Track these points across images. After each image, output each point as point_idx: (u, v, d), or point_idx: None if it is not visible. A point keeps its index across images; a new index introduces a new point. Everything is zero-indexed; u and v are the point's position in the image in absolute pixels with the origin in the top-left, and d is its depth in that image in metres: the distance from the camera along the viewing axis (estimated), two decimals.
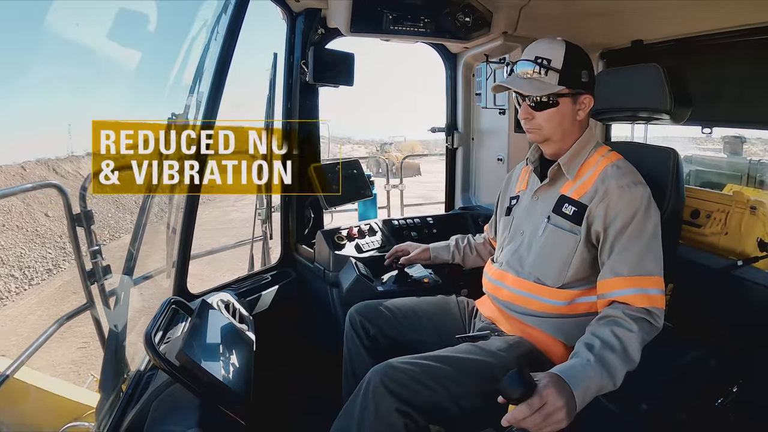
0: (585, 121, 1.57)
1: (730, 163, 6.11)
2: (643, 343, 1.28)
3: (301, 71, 2.39)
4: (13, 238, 12.93)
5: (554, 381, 1.09)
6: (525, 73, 1.50)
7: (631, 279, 1.35)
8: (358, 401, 1.31)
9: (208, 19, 1.97)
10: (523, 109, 1.54)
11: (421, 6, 2.25)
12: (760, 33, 1.95)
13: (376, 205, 6.57)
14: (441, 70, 3.01)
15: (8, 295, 10.83)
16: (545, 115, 1.50)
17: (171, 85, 2.39)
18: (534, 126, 1.54)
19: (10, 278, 11.40)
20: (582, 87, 1.50)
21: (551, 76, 1.47)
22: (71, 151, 19.06)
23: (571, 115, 1.52)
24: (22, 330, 8.51)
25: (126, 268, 2.08)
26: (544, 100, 1.49)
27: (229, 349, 1.52)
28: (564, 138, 1.55)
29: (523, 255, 1.59)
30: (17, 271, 11.75)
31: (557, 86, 1.47)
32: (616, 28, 2.34)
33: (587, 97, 1.52)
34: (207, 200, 18.79)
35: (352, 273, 2.07)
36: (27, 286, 11.39)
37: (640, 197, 1.41)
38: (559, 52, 1.47)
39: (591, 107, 1.54)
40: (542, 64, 1.47)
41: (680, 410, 1.49)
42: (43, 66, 25.06)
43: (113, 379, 1.96)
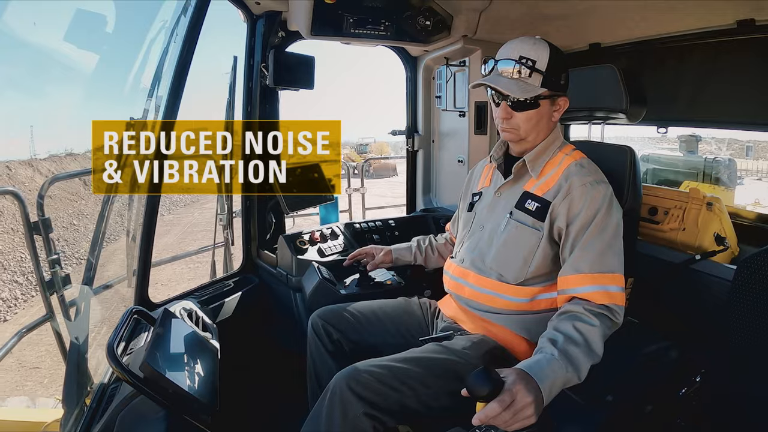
0: (556, 122, 1.59)
1: (686, 161, 6.29)
2: (605, 338, 1.30)
3: (262, 74, 2.37)
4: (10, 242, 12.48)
5: (521, 377, 1.10)
6: (507, 72, 1.48)
7: (592, 276, 1.36)
8: (324, 406, 1.30)
9: (167, 21, 1.94)
10: (502, 109, 1.52)
11: (382, 9, 2.26)
12: (714, 36, 2.02)
13: (337, 208, 6.54)
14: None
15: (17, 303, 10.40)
16: (524, 116, 1.50)
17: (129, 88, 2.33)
18: (512, 126, 1.53)
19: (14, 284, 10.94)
20: (561, 89, 1.51)
21: (535, 77, 1.46)
22: (34, 153, 18.56)
23: (548, 116, 1.53)
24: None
25: (85, 278, 2.02)
26: (525, 101, 1.48)
27: (194, 358, 1.49)
28: (536, 138, 1.56)
29: (484, 250, 1.59)
30: (20, 276, 11.29)
31: (540, 89, 1.46)
32: (574, 31, 2.39)
33: (564, 99, 1.54)
34: (192, 201, 18.81)
35: (314, 277, 2.06)
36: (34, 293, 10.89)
37: (602, 195, 1.42)
38: (543, 53, 1.46)
39: (565, 109, 1.55)
40: (527, 64, 1.46)
41: (645, 401, 1.52)
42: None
43: (76, 392, 1.91)
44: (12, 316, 9.66)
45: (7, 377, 6.10)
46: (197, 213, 16.85)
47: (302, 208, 2.41)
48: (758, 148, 18.64)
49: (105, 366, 1.85)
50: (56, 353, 2.07)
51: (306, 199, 2.41)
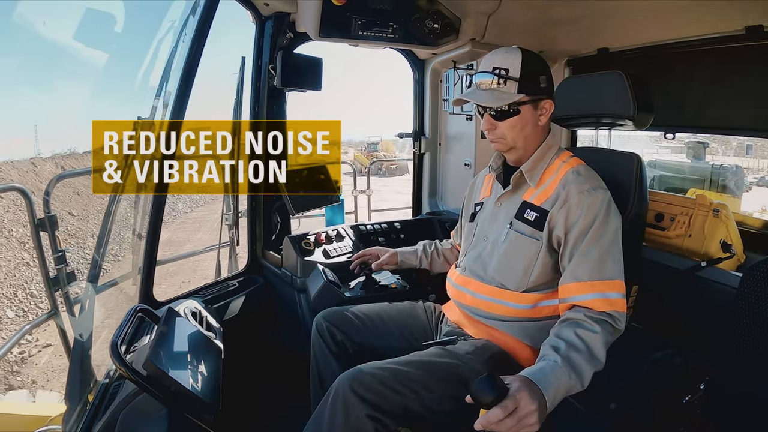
0: (547, 126, 1.59)
1: (693, 167, 6.24)
2: (607, 345, 1.30)
3: (269, 75, 2.37)
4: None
5: (525, 384, 1.10)
6: (484, 84, 1.51)
7: (592, 284, 1.36)
8: (327, 408, 1.30)
9: (176, 21, 1.95)
10: (485, 121, 1.54)
11: (390, 12, 2.25)
12: (723, 42, 2.01)
13: (343, 210, 6.53)
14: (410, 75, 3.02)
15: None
16: (507, 124, 1.51)
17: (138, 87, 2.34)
18: (498, 136, 1.54)
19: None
20: (542, 92, 1.51)
21: (510, 85, 1.48)
22: (38, 152, 18.66)
23: (533, 121, 1.53)
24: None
25: (91, 275, 2.03)
26: (505, 109, 1.49)
27: (198, 358, 1.49)
28: (527, 145, 1.56)
29: (486, 261, 1.60)
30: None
31: (517, 95, 1.47)
32: (582, 36, 2.38)
33: (547, 101, 1.53)
34: (211, 199, 19.09)
35: (319, 279, 2.06)
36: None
37: (600, 202, 1.42)
38: (515, 60, 1.48)
39: (552, 111, 1.55)
40: (500, 74, 1.48)
41: (648, 409, 1.51)
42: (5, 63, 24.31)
43: (79, 389, 1.91)
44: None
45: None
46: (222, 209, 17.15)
47: (308, 209, 2.40)
48: (757, 147, 18.59)
49: (108, 363, 1.86)
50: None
51: (312, 200, 2.40)
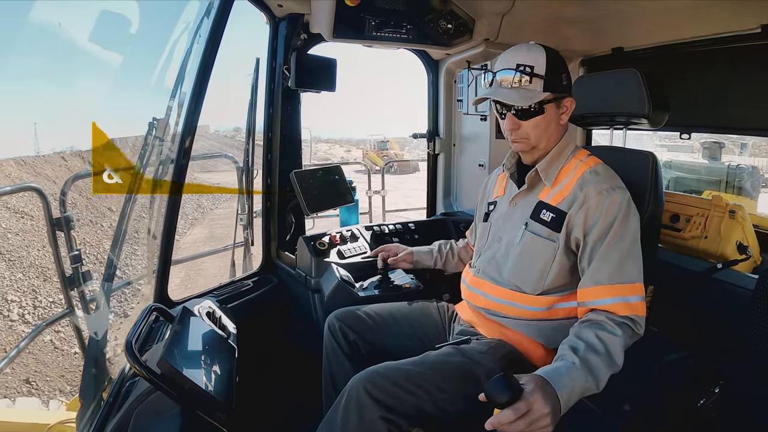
0: (566, 125, 1.56)
1: (709, 168, 6.15)
2: (626, 347, 1.28)
3: (284, 76, 2.39)
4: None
5: (540, 385, 1.09)
6: (506, 81, 1.46)
7: (612, 287, 1.33)
8: (340, 410, 1.30)
9: (191, 22, 1.96)
10: (509, 120, 1.49)
11: (404, 12, 2.25)
12: (738, 41, 1.98)
13: (357, 210, 6.53)
14: (421, 74, 3.03)
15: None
16: (531, 123, 1.47)
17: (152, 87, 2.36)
18: (521, 136, 1.50)
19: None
20: (564, 90, 1.48)
21: (536, 83, 1.44)
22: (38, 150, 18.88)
23: (556, 120, 1.50)
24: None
25: (107, 274, 2.04)
26: (528, 107, 1.45)
27: (211, 357, 1.50)
28: (549, 145, 1.53)
29: (501, 262, 1.58)
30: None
31: (543, 93, 1.44)
32: (596, 35, 2.36)
33: (569, 99, 1.50)
34: (231, 196, 19.36)
35: (333, 279, 2.07)
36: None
37: (619, 202, 1.39)
38: (540, 57, 1.44)
39: (572, 110, 1.52)
40: (525, 71, 1.43)
41: (662, 411, 1.50)
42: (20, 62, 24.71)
43: (94, 386, 1.92)
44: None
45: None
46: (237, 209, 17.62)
47: (322, 210, 2.41)
48: (753, 146, 18.36)
49: (123, 361, 1.87)
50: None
51: (326, 201, 2.40)
